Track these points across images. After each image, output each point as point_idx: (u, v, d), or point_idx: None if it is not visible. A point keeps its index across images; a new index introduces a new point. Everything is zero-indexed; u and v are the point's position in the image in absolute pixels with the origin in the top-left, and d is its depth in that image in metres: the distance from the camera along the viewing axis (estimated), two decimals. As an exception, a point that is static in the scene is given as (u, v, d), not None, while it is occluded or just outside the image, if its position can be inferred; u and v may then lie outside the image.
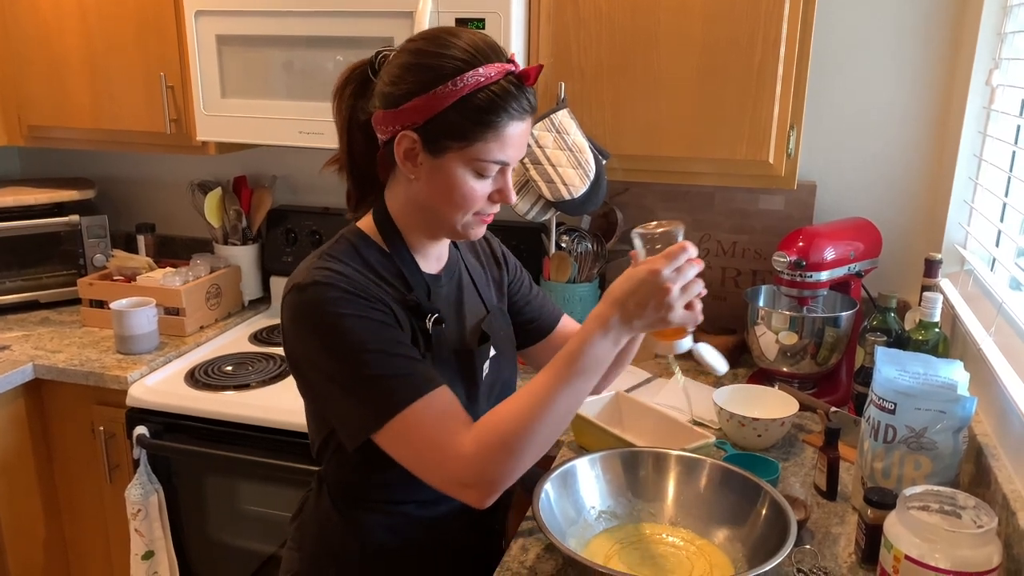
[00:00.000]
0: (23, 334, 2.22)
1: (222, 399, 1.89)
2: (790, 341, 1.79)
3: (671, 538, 1.25)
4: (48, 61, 2.21)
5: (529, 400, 1.02)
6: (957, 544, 1.02)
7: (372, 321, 1.04)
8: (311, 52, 1.89)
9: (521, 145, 1.08)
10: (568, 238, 2.05)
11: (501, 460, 1.00)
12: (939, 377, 1.32)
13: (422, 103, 1.03)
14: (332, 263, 1.08)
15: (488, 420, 1.03)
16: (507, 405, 1.04)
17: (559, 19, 1.80)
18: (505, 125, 1.04)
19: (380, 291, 1.08)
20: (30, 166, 2.80)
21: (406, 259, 1.14)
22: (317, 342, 1.04)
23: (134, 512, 1.91)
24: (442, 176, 1.06)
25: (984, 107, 1.80)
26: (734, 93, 1.74)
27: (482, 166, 1.06)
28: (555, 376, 1.02)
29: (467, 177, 1.06)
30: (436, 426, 1.02)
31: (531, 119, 1.09)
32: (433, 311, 1.13)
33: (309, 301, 1.05)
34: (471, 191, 1.07)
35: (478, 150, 1.04)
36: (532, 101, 1.07)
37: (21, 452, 2.07)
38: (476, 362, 1.18)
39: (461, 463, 1.01)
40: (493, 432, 1.01)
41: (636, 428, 1.60)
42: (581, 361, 1.02)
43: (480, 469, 1.01)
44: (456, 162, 1.05)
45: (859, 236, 1.88)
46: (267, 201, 2.42)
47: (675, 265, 1.01)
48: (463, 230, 1.12)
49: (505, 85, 1.03)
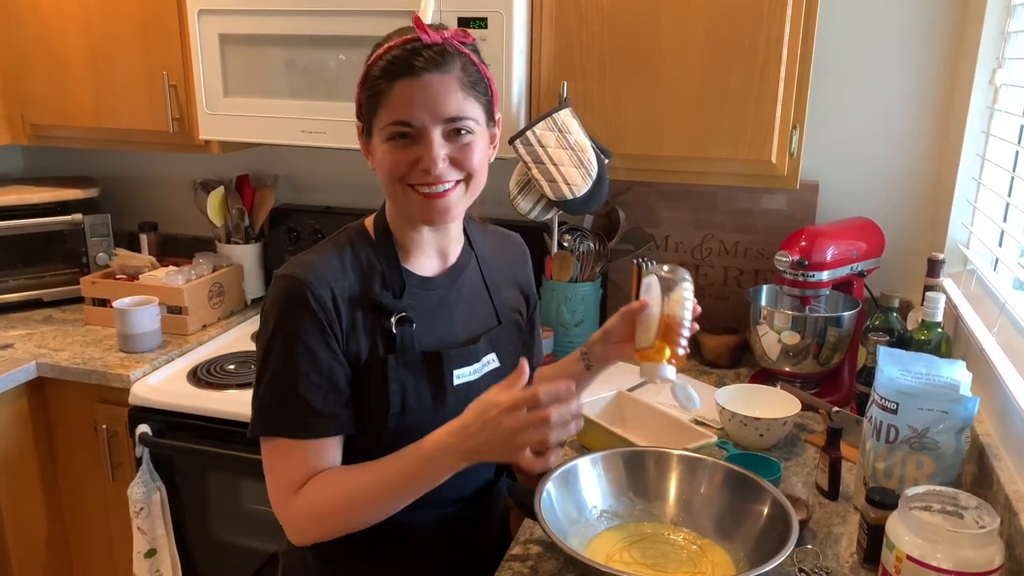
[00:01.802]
0: (26, 332, 2.23)
1: (224, 398, 1.90)
2: (792, 341, 1.78)
3: (673, 537, 1.25)
4: (51, 60, 2.21)
5: (355, 489, 1.08)
6: (959, 544, 1.02)
7: (313, 337, 1.08)
8: (314, 51, 1.89)
9: (430, 105, 1.05)
10: (570, 237, 2.05)
11: (310, 529, 1.11)
12: (941, 377, 1.31)
13: (357, 92, 1.11)
14: (320, 257, 1.13)
15: (314, 491, 1.08)
16: (336, 484, 1.08)
17: (562, 18, 1.80)
18: (394, 87, 1.05)
19: (350, 292, 1.11)
20: (33, 165, 2.80)
21: (389, 257, 1.16)
22: (261, 330, 1.12)
23: (136, 510, 1.91)
24: (376, 155, 1.11)
25: (987, 106, 1.80)
26: (737, 92, 1.74)
27: (387, 132, 1.07)
28: (388, 480, 1.07)
29: (384, 147, 1.09)
30: (286, 471, 1.10)
31: (443, 77, 1.05)
32: (397, 310, 1.13)
33: (275, 293, 1.10)
34: (388, 158, 1.08)
35: (382, 118, 1.07)
36: (430, 57, 1.04)
37: (24, 450, 2.07)
38: (444, 366, 1.16)
39: (283, 513, 1.11)
40: (312, 504, 1.08)
41: (638, 427, 1.60)
42: (420, 477, 1.06)
43: (294, 526, 1.11)
44: (378, 138, 1.10)
45: (862, 236, 1.88)
46: (270, 200, 2.42)
47: (518, 401, 1.01)
48: (411, 207, 1.11)
49: (394, 50, 1.07)
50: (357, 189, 2.43)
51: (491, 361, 1.23)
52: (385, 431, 1.12)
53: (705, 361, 2.04)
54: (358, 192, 2.43)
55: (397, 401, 1.12)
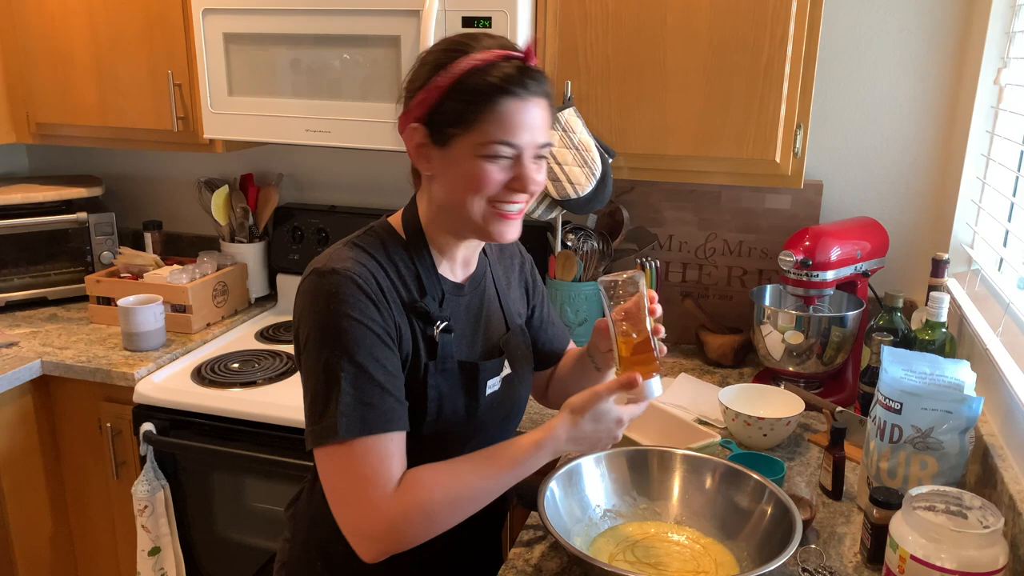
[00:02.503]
0: (31, 331, 2.23)
1: (228, 396, 1.90)
2: (796, 340, 1.78)
3: (676, 537, 1.25)
4: (55, 59, 2.21)
5: (466, 479, 1.06)
6: (963, 544, 1.02)
7: (370, 332, 1.04)
8: (318, 50, 1.89)
9: (532, 128, 1.05)
10: (574, 237, 2.05)
11: (417, 524, 1.03)
12: (946, 377, 1.31)
13: (423, 95, 1.05)
14: (357, 253, 1.09)
15: (419, 482, 1.03)
16: (443, 474, 1.05)
17: (566, 17, 1.80)
18: (502, 104, 1.02)
19: (394, 292, 1.09)
20: (38, 163, 2.81)
21: (426, 262, 1.14)
22: (315, 332, 1.04)
23: (140, 508, 1.91)
24: (452, 166, 1.06)
25: (992, 106, 1.79)
26: (741, 92, 1.73)
27: (487, 148, 1.04)
28: (494, 474, 1.07)
29: (476, 162, 1.04)
30: (383, 470, 1.02)
31: (544, 103, 1.06)
32: (442, 319, 1.13)
33: (322, 289, 1.05)
34: (483, 173, 1.05)
35: (481, 134, 1.03)
36: (538, 81, 1.05)
37: (28, 448, 2.08)
38: (480, 376, 1.17)
39: (376, 516, 1.01)
40: (420, 495, 1.02)
41: (641, 427, 1.60)
42: (525, 464, 1.07)
43: (391, 527, 1.02)
44: (463, 149, 1.05)
45: (866, 235, 1.88)
46: (274, 199, 2.43)
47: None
48: (485, 224, 1.09)
49: (500, 64, 1.03)
50: (361, 188, 2.44)
51: (506, 368, 1.24)
52: (417, 437, 1.11)
53: (709, 361, 2.04)
54: (362, 191, 2.43)
55: (434, 408, 1.12)
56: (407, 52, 1.81)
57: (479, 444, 1.15)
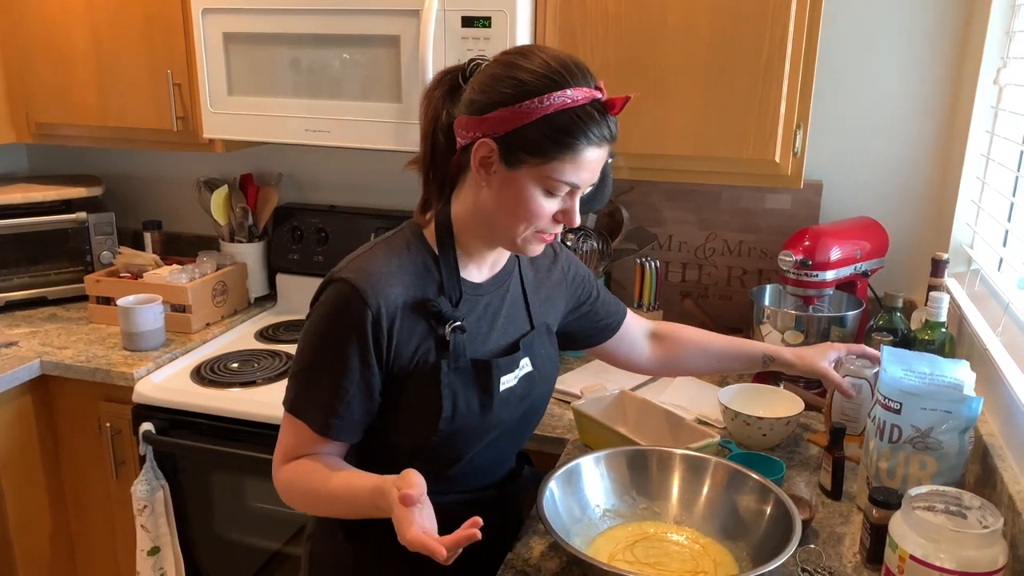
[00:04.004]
0: (30, 330, 2.23)
1: (228, 396, 1.90)
2: (796, 340, 1.78)
3: (675, 537, 1.25)
4: (55, 59, 2.21)
5: (316, 490, 1.14)
6: (962, 544, 1.02)
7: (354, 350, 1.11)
8: (318, 50, 1.89)
9: (594, 171, 1.11)
10: (573, 236, 2.05)
11: (287, 499, 1.20)
12: (945, 377, 1.31)
13: (507, 115, 1.05)
14: (371, 258, 1.14)
15: (293, 473, 1.16)
16: (308, 475, 1.15)
17: (566, 18, 1.80)
18: (583, 149, 1.07)
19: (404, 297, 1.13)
20: (38, 163, 2.81)
21: (450, 265, 1.17)
22: (311, 325, 1.15)
23: (140, 508, 1.91)
24: (513, 188, 1.09)
25: (992, 106, 1.79)
26: (741, 92, 1.73)
27: (553, 184, 1.08)
28: (343, 498, 1.11)
29: (536, 193, 1.09)
30: (288, 442, 1.18)
31: (608, 147, 1.11)
32: (455, 319, 1.15)
33: (330, 295, 1.13)
34: (538, 207, 1.09)
35: (552, 169, 1.07)
36: (613, 130, 1.10)
37: (28, 448, 2.08)
38: (494, 373, 1.19)
39: (274, 474, 1.20)
40: (287, 482, 1.18)
41: (641, 427, 1.60)
42: (357, 510, 1.11)
43: (277, 489, 1.20)
44: (529, 177, 1.08)
45: (865, 235, 1.88)
46: (273, 199, 2.43)
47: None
48: (521, 244, 1.14)
49: (589, 110, 1.06)
50: (360, 188, 2.44)
51: (526, 365, 1.25)
52: (435, 434, 1.16)
53: (708, 361, 2.03)
54: (362, 191, 2.43)
55: (449, 406, 1.15)
56: (406, 52, 1.81)
57: (498, 440, 1.24)
